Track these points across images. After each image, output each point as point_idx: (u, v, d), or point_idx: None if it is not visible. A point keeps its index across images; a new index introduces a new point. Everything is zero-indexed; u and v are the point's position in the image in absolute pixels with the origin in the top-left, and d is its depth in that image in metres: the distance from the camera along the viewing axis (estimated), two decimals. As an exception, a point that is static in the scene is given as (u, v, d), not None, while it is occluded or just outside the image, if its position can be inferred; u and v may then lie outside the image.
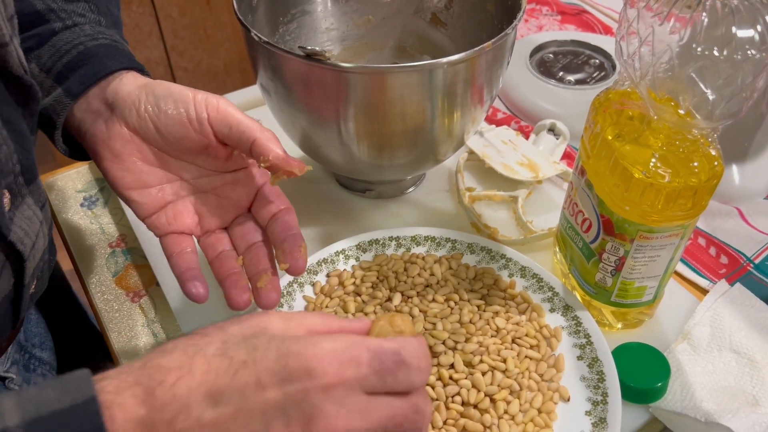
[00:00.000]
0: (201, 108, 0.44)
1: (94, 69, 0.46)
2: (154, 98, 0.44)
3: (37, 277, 0.44)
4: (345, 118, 0.51)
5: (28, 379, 0.56)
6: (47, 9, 0.49)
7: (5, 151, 0.38)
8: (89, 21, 0.50)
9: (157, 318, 0.57)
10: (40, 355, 0.58)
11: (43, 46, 0.47)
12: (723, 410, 0.46)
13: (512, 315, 0.51)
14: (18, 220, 0.40)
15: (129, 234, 0.64)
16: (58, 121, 0.46)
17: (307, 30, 0.66)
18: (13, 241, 0.39)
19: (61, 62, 0.47)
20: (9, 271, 0.40)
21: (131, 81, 0.46)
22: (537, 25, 0.91)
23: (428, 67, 0.48)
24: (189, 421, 0.30)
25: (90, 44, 0.47)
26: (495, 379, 0.47)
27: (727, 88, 0.38)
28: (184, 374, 0.31)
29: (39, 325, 0.61)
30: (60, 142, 0.48)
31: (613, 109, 0.46)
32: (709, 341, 0.51)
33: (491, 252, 0.56)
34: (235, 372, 0.31)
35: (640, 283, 0.49)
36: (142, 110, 0.44)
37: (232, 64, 1.84)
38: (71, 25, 0.49)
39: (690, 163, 0.42)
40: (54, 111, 0.46)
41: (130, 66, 0.47)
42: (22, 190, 0.40)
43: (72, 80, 0.46)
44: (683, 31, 0.38)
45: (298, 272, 0.45)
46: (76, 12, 0.49)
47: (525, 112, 0.75)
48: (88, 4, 0.50)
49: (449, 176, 0.67)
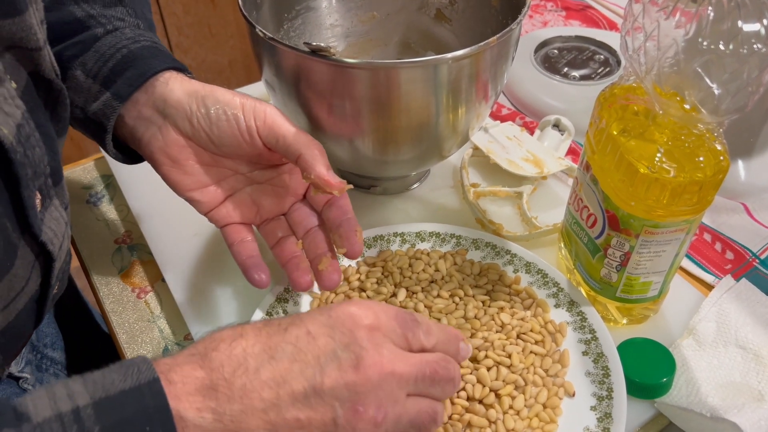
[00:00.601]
0: (249, 118, 0.45)
1: (140, 70, 0.47)
2: (204, 109, 0.46)
3: (59, 278, 0.44)
4: (350, 114, 0.51)
5: (41, 379, 0.56)
6: (87, 16, 0.49)
7: (38, 153, 0.38)
8: (129, 24, 0.50)
9: (162, 314, 0.57)
10: (52, 355, 0.59)
11: (87, 52, 0.48)
12: (728, 405, 0.46)
13: (517, 311, 0.51)
14: (48, 221, 0.40)
15: (135, 230, 0.64)
16: (109, 125, 0.47)
17: (311, 26, 0.66)
18: (45, 241, 0.39)
19: (107, 66, 0.47)
20: (38, 271, 0.41)
21: (178, 86, 0.46)
22: (542, 20, 0.91)
23: (433, 62, 0.48)
24: (248, 375, 0.33)
25: (133, 47, 0.48)
26: (500, 374, 0.47)
27: (732, 83, 0.38)
28: (236, 338, 0.34)
29: (50, 325, 0.61)
30: (111, 147, 0.49)
31: (619, 104, 0.46)
32: (715, 337, 0.51)
33: (496, 248, 0.56)
34: (285, 329, 0.35)
35: (645, 279, 0.49)
36: (194, 121, 0.46)
37: (236, 61, 1.84)
38: (112, 29, 0.49)
39: (695, 158, 0.42)
40: (104, 115, 0.47)
41: (173, 66, 0.48)
42: (51, 192, 0.41)
43: (119, 83, 0.46)
44: (689, 26, 0.38)
45: (355, 256, 0.48)
46: (116, 16, 0.50)
47: (530, 108, 0.75)
48: (126, 9, 0.51)
49: (454, 172, 0.67)
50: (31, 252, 0.39)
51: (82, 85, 0.48)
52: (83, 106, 0.48)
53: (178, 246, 0.60)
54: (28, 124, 0.37)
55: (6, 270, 0.37)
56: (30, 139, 0.37)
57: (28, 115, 0.38)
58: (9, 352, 0.45)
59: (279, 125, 0.46)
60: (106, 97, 0.46)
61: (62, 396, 0.30)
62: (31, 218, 0.38)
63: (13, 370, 0.52)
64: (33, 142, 0.38)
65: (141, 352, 0.54)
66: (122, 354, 0.55)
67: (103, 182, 0.69)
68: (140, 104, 0.47)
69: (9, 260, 0.37)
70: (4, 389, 0.52)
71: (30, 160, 0.37)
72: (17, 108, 0.36)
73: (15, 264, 0.38)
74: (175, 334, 0.56)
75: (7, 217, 0.36)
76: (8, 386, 0.52)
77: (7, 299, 0.38)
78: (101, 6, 0.50)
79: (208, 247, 0.60)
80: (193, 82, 0.47)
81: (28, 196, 0.37)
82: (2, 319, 0.39)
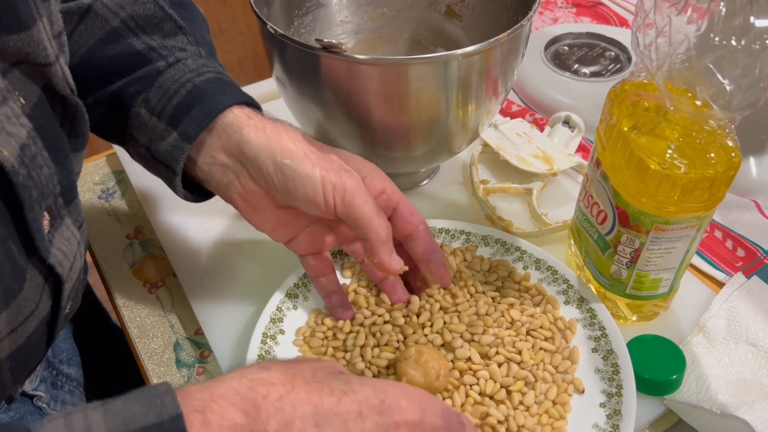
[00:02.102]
0: (329, 196, 0.44)
1: (207, 108, 0.45)
2: (282, 177, 0.44)
3: (72, 298, 0.44)
4: (360, 110, 0.52)
5: (56, 397, 0.55)
6: (147, 48, 0.48)
7: (45, 173, 0.37)
8: (191, 54, 0.49)
9: (173, 308, 0.58)
10: (67, 372, 0.58)
11: (150, 88, 0.46)
12: (739, 403, 0.46)
13: (526, 307, 0.51)
14: (57, 242, 0.39)
15: (146, 226, 0.65)
16: (177, 168, 0.45)
17: (321, 23, 0.66)
18: (53, 264, 0.38)
19: (172, 104, 0.46)
20: (48, 293, 0.40)
21: (252, 135, 0.45)
22: (552, 17, 0.90)
23: (443, 58, 0.48)
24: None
25: (197, 80, 0.46)
26: (510, 370, 0.47)
27: (744, 78, 0.38)
28: (288, 391, 0.33)
29: (66, 340, 0.60)
30: (180, 188, 0.48)
31: (629, 100, 0.46)
32: (725, 334, 0.51)
33: (505, 244, 0.56)
34: (338, 399, 0.34)
35: (655, 276, 0.49)
36: (272, 183, 0.45)
37: (246, 59, 1.85)
38: (174, 61, 0.47)
39: (707, 154, 0.42)
40: (171, 157, 0.45)
41: (241, 100, 0.46)
42: (62, 211, 0.40)
43: (186, 123, 0.45)
44: (701, 22, 0.38)
45: (446, 285, 0.51)
46: (177, 47, 0.48)
47: (540, 105, 0.75)
48: (186, 37, 0.49)
49: (463, 169, 0.67)
50: (39, 275, 0.38)
51: (147, 123, 0.46)
52: (148, 145, 0.47)
53: (189, 242, 0.61)
54: (35, 144, 0.36)
55: (14, 294, 0.36)
56: (36, 159, 0.36)
57: (36, 133, 0.36)
58: (20, 373, 0.44)
59: (356, 207, 0.44)
60: (173, 137, 0.45)
61: (80, 428, 0.28)
62: (37, 241, 0.36)
63: (27, 388, 0.52)
64: (40, 162, 0.36)
65: (152, 346, 0.55)
66: (136, 354, 0.55)
67: (115, 178, 0.70)
68: (214, 149, 0.46)
69: (17, 284, 0.36)
70: (18, 408, 0.51)
71: (35, 181, 0.36)
72: (22, 127, 0.35)
73: (24, 288, 0.36)
74: (186, 328, 0.56)
75: (12, 241, 0.35)
76: (22, 405, 0.52)
77: (15, 323, 0.37)
78: (161, 36, 0.48)
79: (219, 242, 0.61)
80: (264, 126, 0.45)
81: (33, 218, 0.36)
82: (12, 343, 0.38)
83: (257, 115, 0.47)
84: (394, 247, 0.47)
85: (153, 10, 0.48)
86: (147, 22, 0.48)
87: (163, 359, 0.54)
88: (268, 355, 0.49)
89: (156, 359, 0.54)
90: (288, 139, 0.45)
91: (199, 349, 0.55)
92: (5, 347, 0.38)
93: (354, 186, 0.44)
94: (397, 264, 0.46)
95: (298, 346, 0.50)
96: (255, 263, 0.59)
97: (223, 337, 0.53)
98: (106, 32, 0.48)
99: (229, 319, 0.54)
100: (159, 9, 0.48)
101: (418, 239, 0.49)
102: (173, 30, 0.49)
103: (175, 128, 0.45)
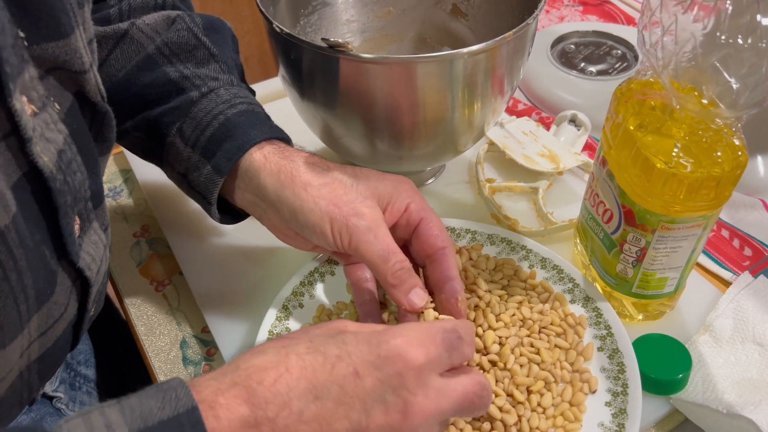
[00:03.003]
0: (338, 243, 0.44)
1: (238, 142, 0.46)
2: (297, 224, 0.45)
3: (96, 301, 0.44)
4: (366, 109, 0.52)
5: (74, 398, 0.56)
6: (181, 77, 0.49)
7: (79, 178, 0.38)
8: (223, 83, 0.50)
9: (180, 307, 0.58)
10: (85, 373, 0.59)
11: (185, 119, 0.48)
12: (745, 402, 0.46)
13: (534, 304, 0.51)
14: (86, 246, 0.40)
15: (153, 224, 0.65)
16: (212, 198, 0.47)
17: (327, 22, 0.66)
18: (82, 267, 0.39)
19: (204, 136, 0.47)
20: (75, 297, 0.40)
21: (269, 181, 0.45)
22: (558, 15, 0.90)
23: (449, 57, 0.48)
24: (292, 416, 0.32)
25: (229, 113, 0.48)
26: (531, 371, 0.47)
27: (751, 77, 0.38)
28: (282, 372, 0.33)
29: (84, 341, 0.61)
30: (216, 215, 0.49)
31: (636, 99, 0.46)
32: (732, 333, 0.51)
33: (511, 243, 0.56)
34: (332, 366, 0.33)
35: (661, 275, 0.48)
36: (292, 225, 0.46)
37: (252, 58, 1.85)
38: (207, 91, 0.49)
39: (713, 153, 0.42)
40: (206, 189, 0.47)
41: (271, 135, 0.48)
42: (90, 215, 0.40)
43: (218, 156, 0.46)
44: (707, 20, 0.38)
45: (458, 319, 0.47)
46: (210, 76, 0.50)
47: (546, 104, 0.75)
48: (218, 65, 0.50)
49: (469, 167, 0.67)
50: (68, 278, 0.39)
51: (182, 153, 0.48)
52: (184, 173, 0.49)
53: (196, 240, 0.61)
54: (70, 149, 0.37)
55: (46, 298, 0.36)
56: (71, 165, 0.37)
57: (71, 139, 0.37)
58: (46, 376, 0.44)
59: (363, 252, 0.44)
60: (207, 170, 0.47)
61: (99, 426, 0.29)
62: (69, 245, 0.37)
63: (47, 389, 0.52)
64: (74, 167, 0.37)
65: (159, 344, 0.55)
66: (143, 353, 0.56)
67: (122, 177, 0.70)
68: (241, 190, 0.47)
69: (50, 288, 0.36)
70: (39, 409, 0.51)
71: (70, 186, 0.36)
72: (59, 133, 0.36)
73: (55, 291, 0.37)
74: (192, 326, 0.56)
75: (45, 245, 0.35)
76: (42, 406, 0.52)
77: (45, 326, 0.38)
78: (194, 65, 0.49)
79: (225, 241, 0.61)
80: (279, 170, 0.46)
81: (67, 223, 0.36)
82: (41, 346, 0.39)
83: (276, 153, 0.47)
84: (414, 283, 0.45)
85: (187, 38, 0.50)
86: (181, 49, 0.50)
87: (169, 357, 0.54)
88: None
89: (163, 357, 0.54)
90: (300, 185, 0.45)
91: (205, 346, 0.55)
92: (35, 350, 0.38)
93: (361, 230, 0.44)
94: (418, 301, 0.44)
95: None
96: (261, 262, 0.59)
97: (230, 334, 0.53)
98: (142, 58, 0.49)
99: (236, 317, 0.54)
100: (192, 36, 0.50)
101: (435, 263, 0.46)
102: (206, 58, 0.50)
103: (209, 161, 0.47)
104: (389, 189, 0.47)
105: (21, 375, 0.39)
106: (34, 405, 0.51)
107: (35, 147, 0.33)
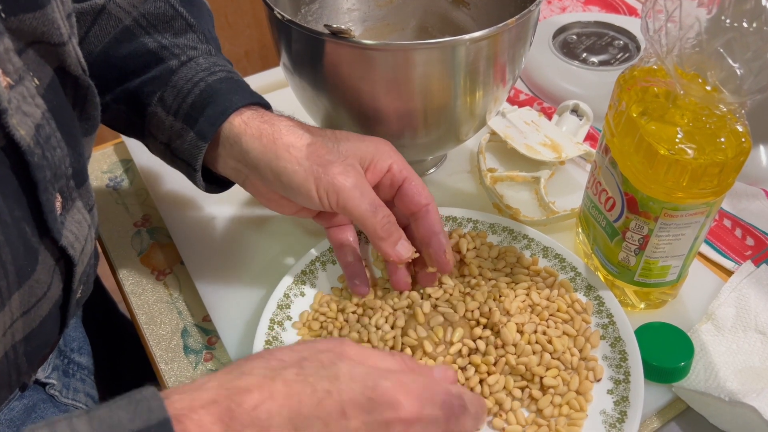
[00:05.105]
0: (325, 201, 0.45)
1: (221, 107, 0.47)
2: (281, 185, 0.46)
3: (83, 282, 0.44)
4: (367, 97, 0.51)
5: (68, 384, 0.56)
6: (160, 47, 0.49)
7: (59, 154, 0.37)
8: (202, 53, 0.50)
9: (181, 295, 0.58)
10: (78, 360, 0.59)
11: (165, 88, 0.48)
12: (747, 390, 0.46)
13: (540, 290, 0.51)
14: (69, 224, 0.39)
15: (154, 214, 0.65)
16: (197, 164, 0.48)
17: (329, 10, 0.66)
18: (65, 245, 0.39)
19: (186, 103, 0.47)
20: (59, 276, 0.40)
21: (251, 145, 0.46)
22: (560, 6, 0.90)
23: (451, 44, 0.48)
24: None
25: (210, 80, 0.48)
26: (543, 360, 0.46)
27: (755, 62, 0.38)
28: (265, 398, 0.31)
29: (77, 329, 0.61)
30: (201, 183, 0.50)
31: (639, 86, 0.45)
32: (734, 322, 0.51)
33: (513, 232, 0.56)
34: (319, 400, 0.31)
35: (663, 263, 0.48)
36: (276, 187, 0.47)
37: (253, 51, 1.85)
38: (186, 60, 0.49)
39: (716, 139, 0.42)
40: (191, 155, 0.47)
41: (252, 101, 0.48)
42: (73, 194, 0.40)
43: (201, 122, 0.47)
44: (712, 5, 0.38)
45: (446, 272, 0.50)
46: (188, 45, 0.50)
47: (548, 94, 0.75)
48: (196, 35, 0.51)
49: (471, 157, 0.67)
50: (51, 257, 0.38)
51: (164, 122, 0.48)
52: (167, 143, 0.49)
53: (196, 229, 0.61)
54: (49, 124, 0.36)
55: (27, 275, 0.36)
56: (50, 140, 0.36)
57: (50, 114, 0.37)
58: (35, 358, 0.44)
59: (351, 208, 0.45)
60: (191, 136, 0.47)
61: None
62: (50, 222, 0.37)
63: (40, 376, 0.52)
64: (53, 142, 0.37)
65: (160, 333, 0.55)
66: (144, 342, 0.55)
67: (123, 166, 0.70)
68: (223, 157, 0.48)
69: (30, 265, 0.36)
70: (31, 395, 0.51)
71: (49, 161, 0.36)
72: (37, 107, 0.35)
73: (36, 269, 0.37)
74: (193, 315, 0.56)
75: (25, 221, 0.35)
76: (35, 392, 0.52)
77: (28, 304, 0.37)
78: (172, 35, 0.50)
79: (226, 230, 0.61)
80: (261, 133, 0.46)
81: (47, 199, 0.36)
82: (25, 325, 0.38)
83: (256, 118, 0.47)
84: (400, 236, 0.47)
85: (164, 9, 0.50)
86: (158, 20, 0.49)
87: (170, 346, 0.54)
88: (276, 341, 0.49)
89: (164, 345, 0.54)
90: (282, 147, 0.45)
91: (206, 335, 0.55)
92: (19, 329, 0.38)
93: (348, 187, 0.45)
94: (405, 253, 0.46)
95: (296, 328, 0.50)
96: (262, 250, 0.59)
97: (231, 323, 0.53)
98: (119, 31, 0.49)
99: (237, 306, 0.54)
100: (169, 7, 0.50)
101: (420, 220, 0.48)
102: (183, 28, 0.50)
103: (192, 127, 0.47)
104: (371, 149, 0.48)
105: (6, 355, 0.38)
106: (26, 391, 0.51)
107: (11, 119, 0.33)
